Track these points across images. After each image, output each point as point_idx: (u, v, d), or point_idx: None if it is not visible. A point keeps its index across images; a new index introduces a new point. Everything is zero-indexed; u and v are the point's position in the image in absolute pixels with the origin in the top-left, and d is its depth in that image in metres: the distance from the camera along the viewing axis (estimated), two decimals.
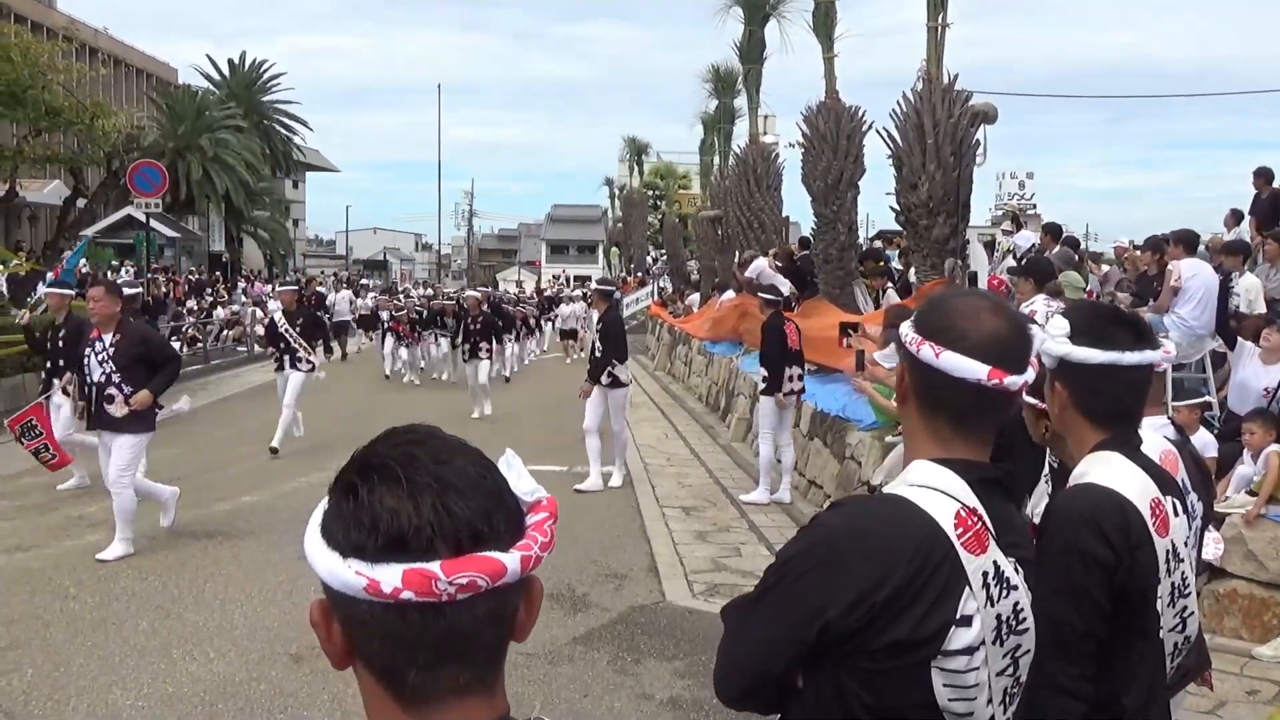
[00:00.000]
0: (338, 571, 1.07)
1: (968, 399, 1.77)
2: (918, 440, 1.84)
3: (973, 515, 1.72)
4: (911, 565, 1.65)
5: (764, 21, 19.64)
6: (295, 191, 69.15)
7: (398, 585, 1.04)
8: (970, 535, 1.70)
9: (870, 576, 1.64)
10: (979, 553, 1.70)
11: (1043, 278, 8.49)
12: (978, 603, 1.68)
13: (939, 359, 1.76)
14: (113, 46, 44.85)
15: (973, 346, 1.75)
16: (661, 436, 15.59)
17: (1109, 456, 2.27)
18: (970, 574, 1.68)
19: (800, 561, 1.72)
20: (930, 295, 2.01)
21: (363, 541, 1.07)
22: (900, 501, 1.74)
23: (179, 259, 43.27)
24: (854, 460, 9.98)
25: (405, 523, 1.06)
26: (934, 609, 1.65)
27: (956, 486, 1.74)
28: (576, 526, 9.63)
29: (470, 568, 1.06)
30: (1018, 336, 1.81)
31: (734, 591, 7.75)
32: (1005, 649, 1.74)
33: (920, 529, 1.69)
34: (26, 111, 22.09)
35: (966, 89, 11.42)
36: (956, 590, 1.67)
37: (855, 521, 1.75)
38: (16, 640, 6.62)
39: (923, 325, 1.82)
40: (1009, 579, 1.73)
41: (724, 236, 22.24)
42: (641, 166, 51.07)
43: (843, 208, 14.26)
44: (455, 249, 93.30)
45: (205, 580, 7.95)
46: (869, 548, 1.67)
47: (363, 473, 1.10)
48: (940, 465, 1.77)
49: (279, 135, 57.75)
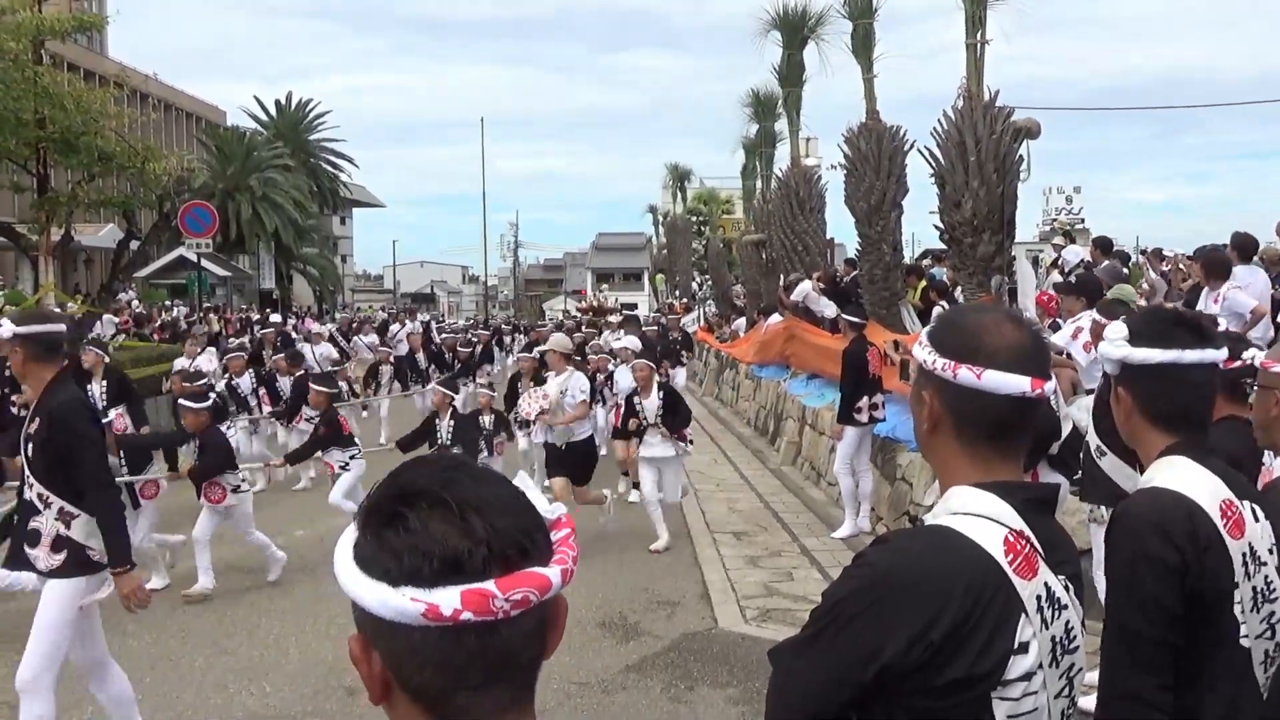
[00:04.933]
0: (390, 600, 1.07)
1: (1008, 415, 1.75)
2: (955, 466, 1.80)
3: (1021, 539, 1.69)
4: (967, 598, 1.62)
5: (802, 44, 19.59)
6: (343, 228, 70.09)
7: (458, 607, 1.06)
8: (1021, 560, 1.67)
9: (926, 614, 1.61)
10: (1031, 577, 1.67)
11: (1092, 294, 8.39)
12: (1034, 628, 1.66)
13: (981, 379, 1.72)
14: (163, 91, 45.73)
15: (1009, 361, 1.73)
16: (711, 462, 15.53)
17: (1175, 460, 2.24)
18: (1025, 600, 1.66)
19: (852, 602, 1.68)
20: (942, 316, 1.97)
21: (418, 567, 1.07)
22: (947, 533, 1.70)
23: (230, 297, 43.93)
24: (905, 481, 9.88)
25: (459, 545, 1.08)
26: (993, 640, 1.63)
27: (1002, 511, 1.71)
28: (627, 554, 9.61)
29: (522, 584, 1.08)
30: (1038, 342, 1.81)
31: (787, 617, 7.69)
32: (1060, 670, 1.71)
33: (971, 560, 1.66)
34: (80, 158, 22.55)
35: (1008, 105, 11.34)
36: (1013, 618, 1.64)
37: (904, 558, 1.71)
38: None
39: (949, 348, 1.77)
40: (1059, 599, 1.71)
41: (768, 260, 22.17)
42: (685, 193, 51.06)
43: (886, 228, 14.15)
44: (502, 280, 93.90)
45: (259, 615, 8.01)
46: (921, 584, 1.64)
47: (407, 500, 1.11)
48: (982, 490, 1.74)
49: (326, 173, 58.59)
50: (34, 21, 21.01)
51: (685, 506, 11.81)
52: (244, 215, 45.13)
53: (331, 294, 56.81)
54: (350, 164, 60.65)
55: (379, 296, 74.80)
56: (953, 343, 1.78)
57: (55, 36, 22.71)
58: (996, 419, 1.75)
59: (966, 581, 1.63)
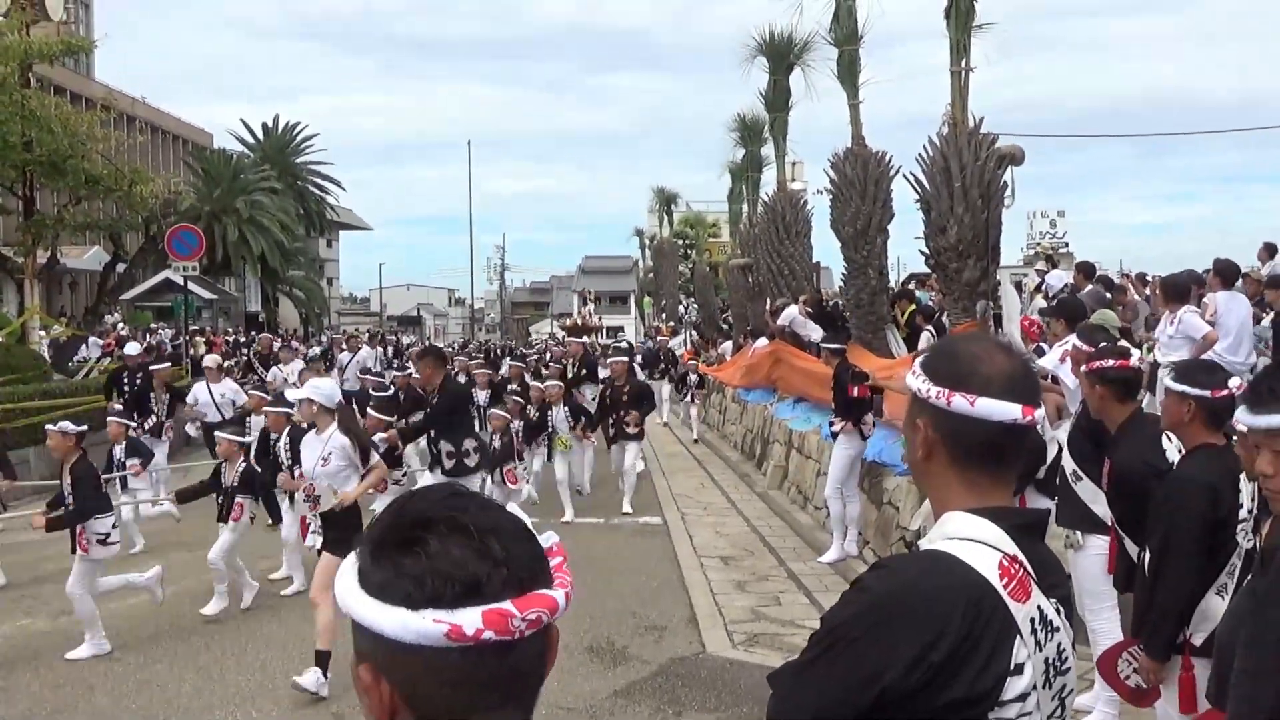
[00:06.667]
0: (411, 624, 1.11)
1: (1001, 441, 1.80)
2: (950, 493, 1.84)
3: (1014, 563, 1.73)
4: (965, 621, 1.66)
5: (788, 70, 19.72)
6: (329, 250, 69.93)
7: (480, 626, 1.10)
8: (1015, 584, 1.71)
9: (925, 637, 1.65)
10: (1024, 600, 1.72)
11: (1075, 317, 8.44)
12: (1028, 649, 1.70)
13: (975, 406, 1.77)
14: (150, 114, 45.70)
15: (1001, 389, 1.77)
16: (698, 485, 15.55)
17: None
18: (1019, 622, 1.70)
19: (851, 626, 1.71)
20: (935, 346, 2.01)
21: (440, 590, 1.12)
22: (943, 557, 1.74)
23: (216, 320, 43.79)
24: (892, 506, 9.91)
25: (479, 568, 1.13)
26: (990, 662, 1.67)
27: (995, 536, 1.75)
28: (615, 578, 9.61)
29: (535, 605, 1.13)
30: (1028, 370, 1.87)
31: (774, 641, 7.71)
32: (1053, 691, 1.76)
33: (968, 583, 1.70)
34: (67, 180, 22.50)
35: (993, 131, 11.45)
36: (1009, 640, 1.69)
37: (902, 582, 1.75)
38: (63, 704, 6.67)
39: (943, 376, 1.82)
40: (1051, 621, 1.75)
41: (754, 284, 22.27)
42: (671, 216, 51.23)
43: (873, 252, 14.24)
44: (488, 303, 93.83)
45: (247, 640, 7.99)
46: (921, 608, 1.69)
47: (426, 526, 1.15)
48: (976, 515, 1.78)
49: (312, 195, 58.53)
50: (22, 45, 21.03)
51: (673, 531, 11.82)
52: (230, 238, 45.04)
53: (318, 317, 56.66)
54: (337, 186, 60.71)
55: (365, 319, 74.66)
56: (946, 371, 1.83)
57: (43, 60, 22.71)
58: (989, 445, 1.80)
59: (965, 604, 1.67)
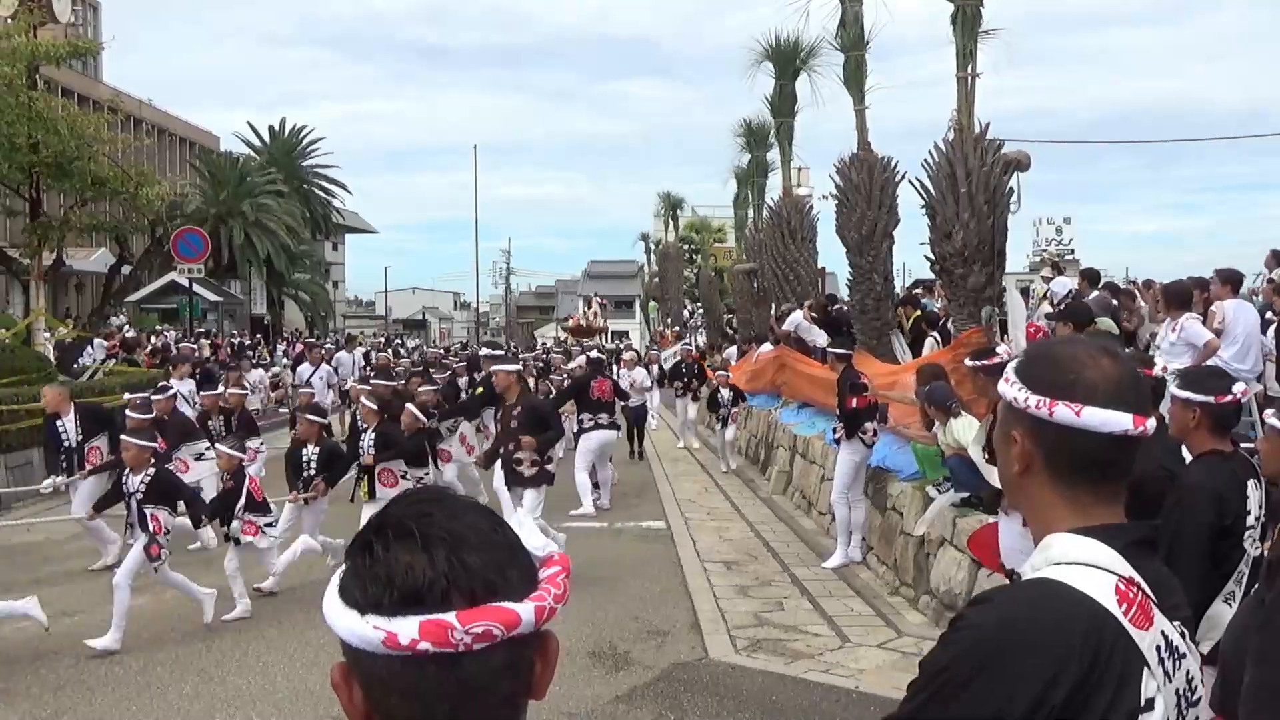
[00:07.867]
0: (356, 628, 1.10)
1: (1109, 454, 1.63)
2: (1052, 512, 1.67)
3: (1132, 586, 1.55)
4: (1085, 655, 1.48)
5: (794, 76, 19.71)
6: (335, 253, 69.99)
7: (415, 636, 1.08)
8: (1135, 609, 1.54)
9: (1043, 676, 1.47)
10: (1147, 626, 1.54)
11: (1081, 322, 8.43)
12: (1157, 681, 1.53)
13: (1081, 416, 1.60)
14: (156, 117, 45.81)
15: (1108, 397, 1.61)
16: (701, 490, 15.52)
17: None
18: (1145, 652, 1.52)
19: (959, 669, 1.52)
20: (1030, 352, 1.83)
21: (380, 597, 1.10)
22: (1053, 585, 1.56)
23: (221, 322, 43.84)
24: (896, 511, 9.89)
25: (420, 576, 1.10)
26: (1117, 699, 1.49)
27: (1108, 557, 1.57)
28: (618, 583, 9.59)
29: (485, 617, 1.09)
30: (1136, 376, 1.69)
31: (777, 647, 7.68)
32: None
33: (1084, 613, 1.52)
34: (74, 182, 22.53)
35: (999, 137, 11.41)
36: (1136, 673, 1.51)
37: (1010, 615, 1.55)
38: (63, 706, 6.66)
39: (1043, 384, 1.65)
40: (1178, 647, 1.58)
41: (759, 289, 22.26)
42: (676, 221, 51.28)
43: (878, 258, 14.23)
44: (494, 307, 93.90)
45: (247, 643, 7.97)
46: (1034, 643, 1.50)
47: (379, 531, 1.14)
48: (1084, 536, 1.61)
49: (319, 199, 58.56)
50: (29, 47, 21.05)
51: (676, 536, 11.79)
52: (236, 240, 45.06)
53: (323, 320, 56.69)
54: (343, 190, 60.75)
55: (370, 322, 74.74)
56: (1046, 378, 1.65)
57: (50, 62, 22.74)
58: (1096, 459, 1.63)
59: (1083, 636, 1.50)
